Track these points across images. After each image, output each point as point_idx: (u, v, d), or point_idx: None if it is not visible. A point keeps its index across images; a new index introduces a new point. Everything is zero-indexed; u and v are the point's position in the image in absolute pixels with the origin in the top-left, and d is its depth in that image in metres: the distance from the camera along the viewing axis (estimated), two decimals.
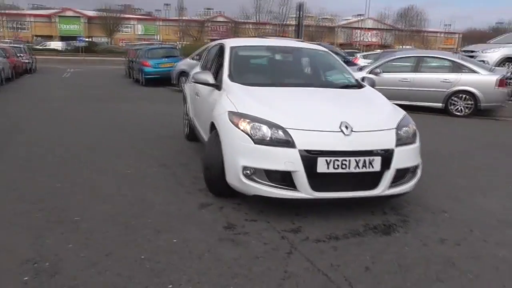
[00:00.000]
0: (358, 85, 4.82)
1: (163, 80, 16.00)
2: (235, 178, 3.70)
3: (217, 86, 4.61)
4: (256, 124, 3.64)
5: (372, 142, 3.65)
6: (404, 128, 3.87)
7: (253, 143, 3.57)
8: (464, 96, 10.36)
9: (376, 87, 4.99)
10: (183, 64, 14.10)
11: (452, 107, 10.47)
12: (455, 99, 10.41)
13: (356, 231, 3.57)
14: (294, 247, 3.22)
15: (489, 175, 5.40)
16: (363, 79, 5.08)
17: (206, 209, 3.92)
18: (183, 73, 13.72)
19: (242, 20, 63.06)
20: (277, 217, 3.74)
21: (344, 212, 3.88)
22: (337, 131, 3.58)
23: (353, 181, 3.61)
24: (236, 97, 4.17)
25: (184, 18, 65.10)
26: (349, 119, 3.70)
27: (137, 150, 5.98)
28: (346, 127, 3.61)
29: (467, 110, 10.35)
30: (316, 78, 5.11)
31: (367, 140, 3.63)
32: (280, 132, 3.55)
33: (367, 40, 69.54)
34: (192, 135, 6.28)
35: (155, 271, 2.81)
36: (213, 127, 4.22)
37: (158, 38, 64.87)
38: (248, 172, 3.62)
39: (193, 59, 13.74)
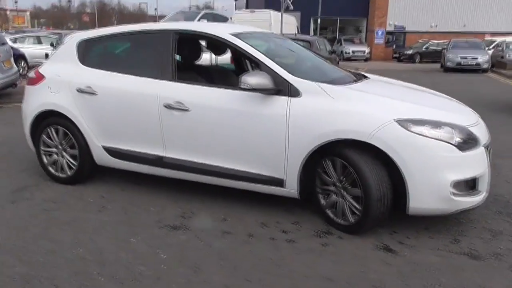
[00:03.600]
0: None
1: None
2: (434, 199, 3.01)
3: (279, 91, 3.31)
4: (447, 128, 3.05)
5: None
6: None
7: (459, 151, 3.00)
8: None
9: None
10: None
11: None
12: None
13: None
14: None
15: None
16: None
17: (385, 249, 3.01)
18: None
19: None
20: (427, 230, 3.37)
21: None
22: (479, 122, 3.49)
23: None
24: (365, 100, 3.24)
25: None
26: (468, 109, 3.67)
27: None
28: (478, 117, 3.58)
29: None
30: (335, 70, 4.34)
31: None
32: (464, 132, 3.12)
33: None
34: (87, 174, 4.23)
35: None
36: (323, 150, 3.15)
37: None
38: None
39: None
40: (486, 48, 21.23)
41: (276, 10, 26.71)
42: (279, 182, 3.35)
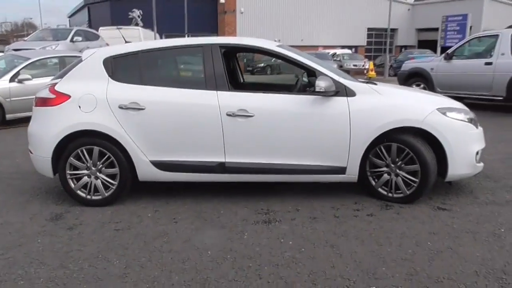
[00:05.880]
0: None
1: None
2: (466, 167, 3.97)
3: (337, 92, 3.95)
4: (464, 111, 4.10)
5: None
6: None
7: (475, 129, 4.08)
8: None
9: None
10: None
11: None
12: None
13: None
14: None
15: None
16: None
17: (441, 209, 3.90)
18: None
19: None
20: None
21: None
22: None
23: None
24: (404, 96, 4.12)
25: None
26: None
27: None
28: None
29: None
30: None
31: None
32: (471, 114, 4.19)
33: None
34: (127, 192, 4.19)
35: None
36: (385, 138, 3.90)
37: None
38: None
39: None
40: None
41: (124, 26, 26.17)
42: (342, 170, 3.94)
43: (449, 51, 10.34)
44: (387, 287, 2.62)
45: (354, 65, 25.43)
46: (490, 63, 9.25)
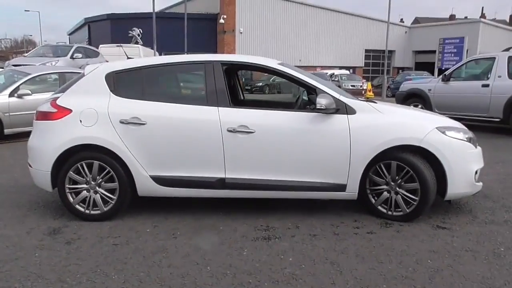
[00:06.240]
0: None
1: None
2: (465, 185, 3.99)
3: (338, 110, 3.98)
4: (463, 131, 4.14)
5: None
6: None
7: (474, 148, 4.11)
8: None
9: None
10: None
11: None
12: None
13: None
14: None
15: None
16: None
17: (440, 227, 3.90)
18: None
19: None
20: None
21: None
22: None
23: None
24: (405, 114, 4.14)
25: None
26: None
27: None
28: None
29: None
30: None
31: None
32: (470, 134, 4.22)
33: None
34: (125, 206, 4.14)
35: None
36: (380, 158, 3.90)
37: None
38: None
39: None
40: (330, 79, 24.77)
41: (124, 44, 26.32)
42: (342, 187, 3.95)
43: (447, 72, 10.46)
44: None
45: (352, 86, 25.66)
46: (487, 85, 9.35)
